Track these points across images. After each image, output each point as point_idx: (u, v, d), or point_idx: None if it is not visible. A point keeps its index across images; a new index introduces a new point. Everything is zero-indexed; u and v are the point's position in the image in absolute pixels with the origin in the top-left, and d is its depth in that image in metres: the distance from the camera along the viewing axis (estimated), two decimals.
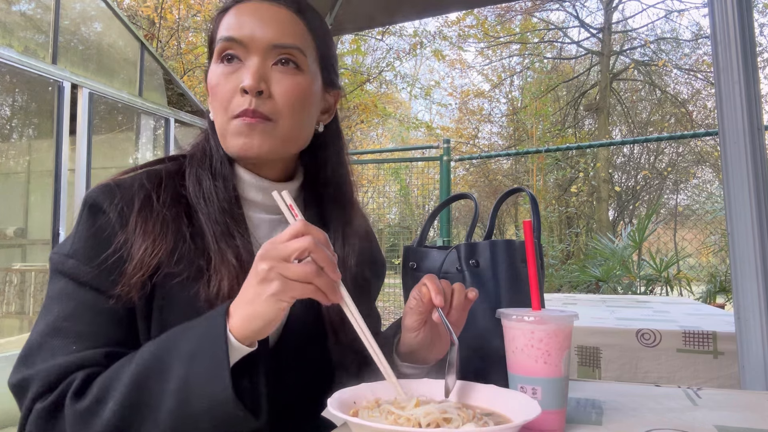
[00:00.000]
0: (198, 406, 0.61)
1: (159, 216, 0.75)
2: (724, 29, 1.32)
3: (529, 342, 0.67)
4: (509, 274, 0.87)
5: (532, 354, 0.67)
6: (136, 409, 0.63)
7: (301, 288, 0.63)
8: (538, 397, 0.66)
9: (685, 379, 1.60)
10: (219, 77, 0.78)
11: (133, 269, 0.71)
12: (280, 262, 0.62)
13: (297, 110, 0.78)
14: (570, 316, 0.68)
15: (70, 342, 0.69)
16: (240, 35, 0.76)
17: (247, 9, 0.79)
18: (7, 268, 4.35)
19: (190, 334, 0.66)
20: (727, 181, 1.31)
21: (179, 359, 0.63)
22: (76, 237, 0.74)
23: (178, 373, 0.62)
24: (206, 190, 0.79)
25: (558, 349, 0.67)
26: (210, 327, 0.65)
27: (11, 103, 4.97)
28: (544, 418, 0.64)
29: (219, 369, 0.61)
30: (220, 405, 0.61)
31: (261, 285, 0.63)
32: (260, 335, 0.65)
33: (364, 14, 2.07)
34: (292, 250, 0.62)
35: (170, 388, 0.62)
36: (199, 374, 0.62)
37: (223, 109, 0.77)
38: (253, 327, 0.63)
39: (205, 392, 0.61)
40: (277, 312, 0.63)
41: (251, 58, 0.77)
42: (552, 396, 0.67)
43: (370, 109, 11.57)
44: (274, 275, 0.62)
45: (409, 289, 0.99)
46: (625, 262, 5.63)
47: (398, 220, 8.61)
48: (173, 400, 0.61)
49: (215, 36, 0.81)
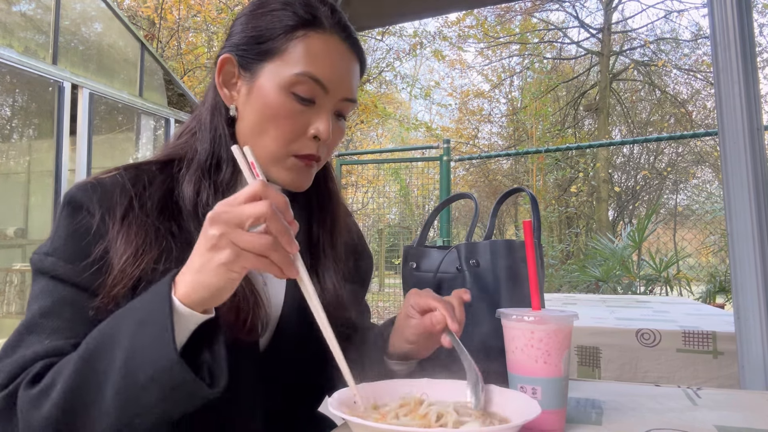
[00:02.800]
0: (143, 375, 0.57)
1: (143, 223, 0.72)
2: (723, 29, 1.32)
3: (529, 342, 0.67)
4: (509, 274, 0.87)
5: (532, 354, 0.67)
6: (84, 388, 0.60)
7: (254, 259, 0.58)
8: (537, 397, 0.66)
9: (685, 379, 1.60)
10: (289, 111, 0.75)
11: (113, 280, 0.68)
12: (234, 229, 0.57)
13: (333, 152, 0.86)
14: (570, 316, 0.68)
15: (43, 337, 0.67)
16: (327, 80, 0.75)
17: (337, 51, 0.77)
18: (8, 268, 4.35)
19: (135, 305, 0.62)
20: (727, 181, 1.31)
21: (125, 332, 0.60)
22: (56, 235, 0.72)
23: (123, 345, 0.59)
24: (203, 201, 0.75)
25: (558, 349, 0.67)
26: (154, 295, 0.60)
27: (11, 104, 4.97)
28: (544, 418, 0.64)
29: (162, 332, 0.57)
30: (165, 371, 0.56)
31: (210, 252, 0.57)
32: (208, 305, 0.60)
33: (364, 14, 2.07)
34: (247, 216, 0.57)
35: (115, 362, 0.58)
36: (143, 343, 0.58)
37: (283, 141, 0.76)
38: (199, 296, 0.59)
39: (148, 359, 0.57)
40: (227, 282, 0.59)
41: (327, 105, 0.77)
42: (552, 396, 0.67)
43: (370, 110, 11.57)
44: (225, 243, 0.57)
45: (409, 289, 0.99)
46: (625, 262, 5.63)
47: (398, 220, 8.61)
48: (118, 373, 0.58)
49: (282, 46, 0.75)
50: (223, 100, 0.79)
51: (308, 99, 0.75)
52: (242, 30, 0.78)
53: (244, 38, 0.77)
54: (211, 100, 0.81)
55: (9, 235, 4.36)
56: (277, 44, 0.75)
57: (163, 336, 0.57)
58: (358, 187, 10.03)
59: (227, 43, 0.80)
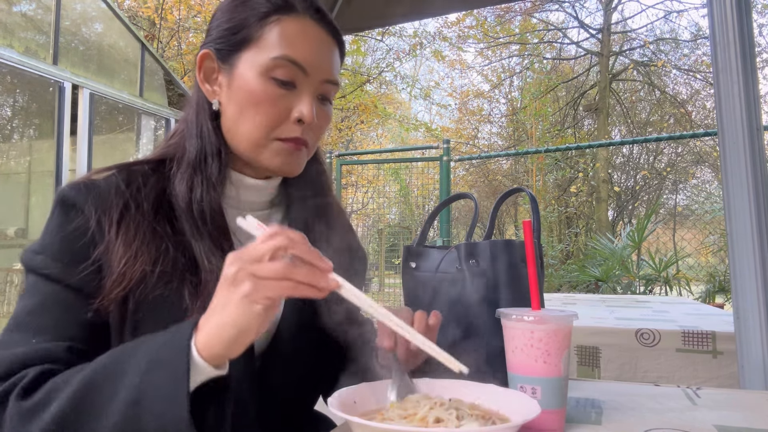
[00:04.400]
0: (147, 423, 0.55)
1: (140, 225, 0.71)
2: (723, 30, 1.33)
3: (529, 342, 0.67)
4: (509, 274, 0.87)
5: (532, 354, 0.67)
6: (80, 417, 0.57)
7: (275, 286, 0.56)
8: (537, 397, 0.67)
9: (685, 378, 1.60)
10: (270, 96, 0.75)
11: (112, 284, 0.68)
12: (252, 263, 0.56)
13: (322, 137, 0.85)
14: (569, 316, 0.69)
15: (29, 336, 0.66)
16: (305, 62, 0.76)
17: (313, 33, 0.77)
18: (8, 268, 4.35)
19: (152, 342, 0.60)
20: (726, 181, 1.31)
21: (136, 367, 0.58)
22: (47, 234, 0.72)
23: (132, 382, 0.57)
24: (197, 198, 0.75)
25: (557, 348, 0.67)
26: (174, 335, 0.59)
27: (12, 104, 4.97)
28: (543, 418, 0.64)
29: (177, 384, 0.55)
30: (173, 425, 0.55)
31: (231, 287, 0.57)
32: (233, 348, 0.58)
33: (364, 14, 2.07)
34: (265, 250, 0.56)
35: (120, 397, 0.56)
36: (155, 387, 0.56)
37: (266, 127, 0.76)
38: (225, 336, 0.57)
39: (157, 410, 0.55)
40: (251, 318, 0.56)
41: (308, 87, 0.77)
42: (551, 395, 0.67)
43: (370, 110, 11.57)
44: (243, 275, 0.56)
45: (408, 289, 1.00)
46: (625, 262, 5.64)
47: (398, 220, 8.61)
48: (120, 413, 0.56)
49: (256, 33, 0.76)
50: (206, 96, 0.80)
51: (288, 82, 0.75)
52: (218, 24, 0.79)
53: (220, 32, 0.78)
54: (195, 98, 0.81)
55: (9, 235, 4.36)
56: (252, 32, 0.76)
57: (176, 388, 0.55)
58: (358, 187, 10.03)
59: (206, 39, 0.81)
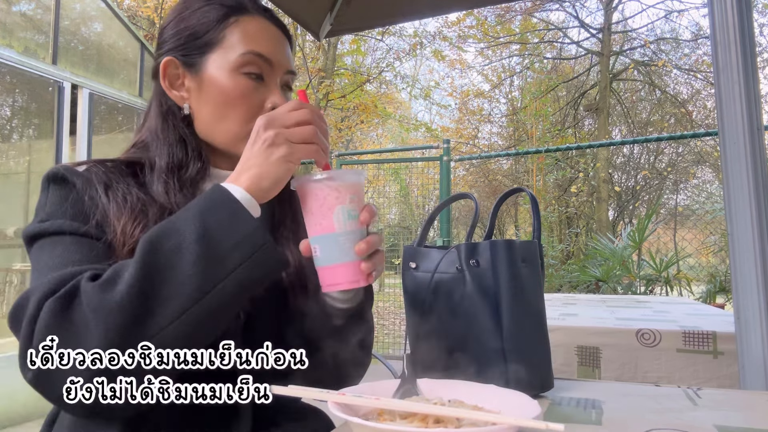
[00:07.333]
0: (225, 243, 0.63)
1: (126, 192, 0.75)
2: (723, 29, 1.32)
3: (314, 204, 0.70)
4: (509, 274, 0.87)
5: (306, 218, 0.71)
6: (155, 268, 0.61)
7: (306, 149, 0.68)
8: (317, 255, 0.70)
9: (685, 379, 1.60)
10: (243, 90, 0.80)
11: (118, 242, 0.71)
12: (285, 129, 0.67)
13: None
14: (346, 173, 0.72)
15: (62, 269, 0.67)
16: (270, 55, 0.82)
17: (267, 28, 0.84)
18: (8, 268, 4.35)
19: (189, 205, 0.66)
20: (727, 181, 1.31)
21: (189, 219, 0.64)
22: (49, 205, 0.74)
23: (191, 226, 0.63)
24: (172, 200, 0.78)
25: (327, 206, 0.69)
26: (211, 192, 0.67)
27: (11, 104, 4.97)
28: (329, 273, 0.69)
29: (234, 210, 0.64)
30: (248, 235, 0.63)
31: (269, 149, 0.67)
32: (268, 195, 0.68)
33: (364, 14, 2.07)
34: (296, 119, 0.68)
35: (186, 239, 0.62)
36: (217, 219, 0.64)
37: (244, 120, 0.80)
38: (262, 186, 0.67)
39: (227, 230, 0.63)
40: (286, 173, 0.68)
41: (275, 79, 0.83)
42: (329, 251, 0.69)
43: (370, 110, 11.56)
44: (281, 140, 0.67)
45: (408, 289, 0.99)
46: (625, 262, 5.63)
47: (398, 220, 8.62)
48: (195, 245, 0.62)
49: (219, 35, 0.81)
50: (175, 102, 0.83)
51: (258, 75, 0.81)
52: (175, 33, 0.83)
53: (179, 39, 0.83)
54: (158, 107, 0.84)
55: (9, 235, 4.35)
56: (215, 35, 0.81)
57: (236, 212, 0.64)
58: None
59: (162, 50, 0.84)
